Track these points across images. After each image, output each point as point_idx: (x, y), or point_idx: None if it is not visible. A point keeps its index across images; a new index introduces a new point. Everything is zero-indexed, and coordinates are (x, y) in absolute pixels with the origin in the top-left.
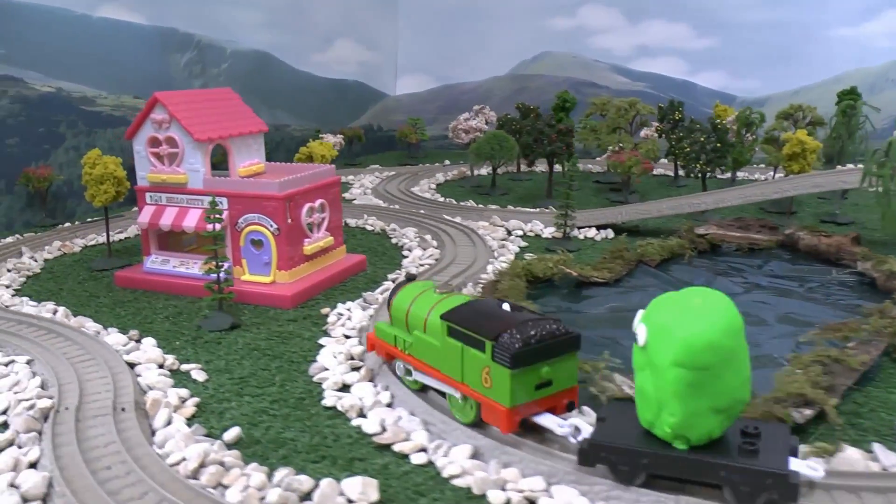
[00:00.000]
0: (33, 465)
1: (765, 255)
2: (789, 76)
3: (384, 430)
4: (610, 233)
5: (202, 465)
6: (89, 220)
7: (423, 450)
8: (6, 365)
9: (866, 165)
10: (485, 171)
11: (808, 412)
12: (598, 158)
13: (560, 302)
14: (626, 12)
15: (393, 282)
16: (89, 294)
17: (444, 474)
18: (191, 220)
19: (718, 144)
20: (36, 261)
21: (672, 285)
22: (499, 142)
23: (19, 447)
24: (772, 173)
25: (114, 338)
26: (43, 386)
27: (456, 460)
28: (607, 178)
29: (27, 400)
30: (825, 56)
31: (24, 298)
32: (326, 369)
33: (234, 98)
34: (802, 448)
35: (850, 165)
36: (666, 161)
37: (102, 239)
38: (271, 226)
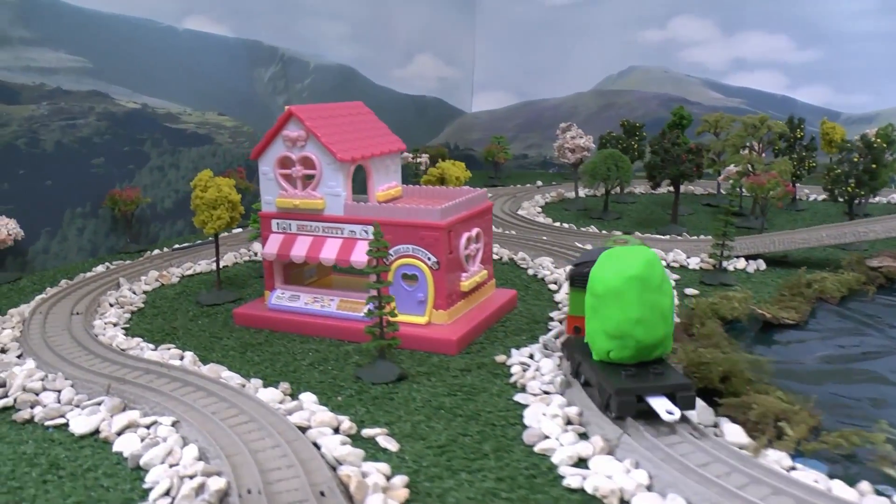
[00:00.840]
0: None
1: None
2: None
3: None
4: (761, 264)
5: None
6: (176, 246)
7: None
8: (148, 427)
9: None
10: (583, 192)
11: None
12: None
13: (755, 347)
14: (721, 24)
15: (560, 322)
16: (209, 335)
17: None
18: (329, 252)
19: (874, 165)
20: (135, 293)
21: (869, 326)
22: (615, 162)
23: None
24: None
25: (265, 392)
26: (202, 457)
27: None
28: (718, 200)
29: (190, 477)
30: None
31: (138, 339)
32: (547, 437)
33: (368, 113)
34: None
35: None
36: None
37: (200, 268)
38: (429, 259)
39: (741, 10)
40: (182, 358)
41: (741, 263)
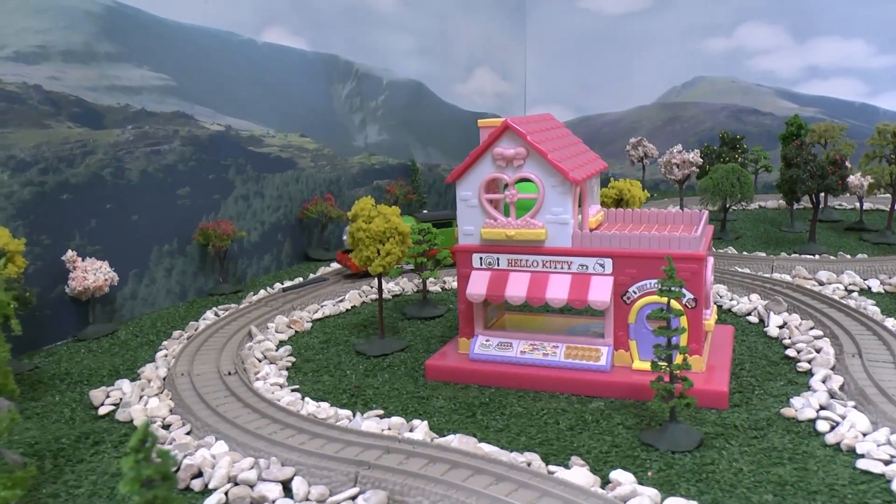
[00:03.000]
0: None
1: None
2: None
3: None
4: None
5: None
6: (287, 284)
7: None
8: None
9: None
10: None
11: None
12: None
13: None
14: (792, 30)
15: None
16: (406, 393)
17: None
18: (557, 291)
19: None
20: (273, 344)
21: None
22: (737, 176)
23: None
24: None
25: (568, 473)
26: None
27: None
28: (827, 214)
29: None
30: None
31: (324, 404)
32: None
33: (562, 126)
34: None
35: None
36: None
37: (328, 310)
38: (685, 295)
39: (813, 15)
40: (412, 429)
41: None
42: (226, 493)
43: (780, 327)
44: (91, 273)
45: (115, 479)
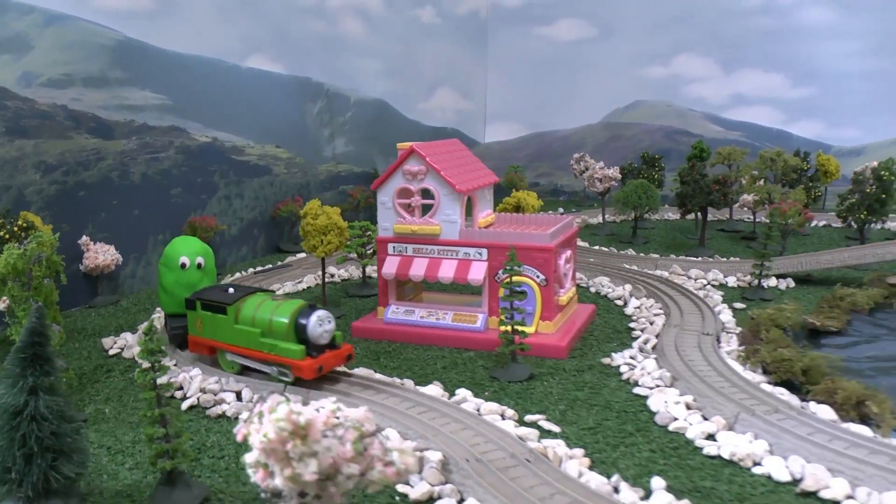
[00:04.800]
0: None
1: None
2: (890, 125)
3: (801, 478)
4: (791, 282)
5: None
6: (259, 269)
7: (851, 497)
8: None
9: None
10: (611, 218)
11: None
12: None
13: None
14: (722, 62)
15: (642, 331)
16: None
17: None
18: (447, 271)
19: (883, 195)
20: None
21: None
22: (644, 191)
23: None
24: None
25: (427, 389)
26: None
27: None
28: (731, 225)
29: None
30: None
31: None
32: (676, 419)
33: (465, 150)
34: None
35: None
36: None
37: (287, 289)
38: (538, 276)
39: (740, 49)
40: None
41: (773, 281)
42: (198, 399)
43: (637, 308)
44: (101, 254)
45: (122, 391)
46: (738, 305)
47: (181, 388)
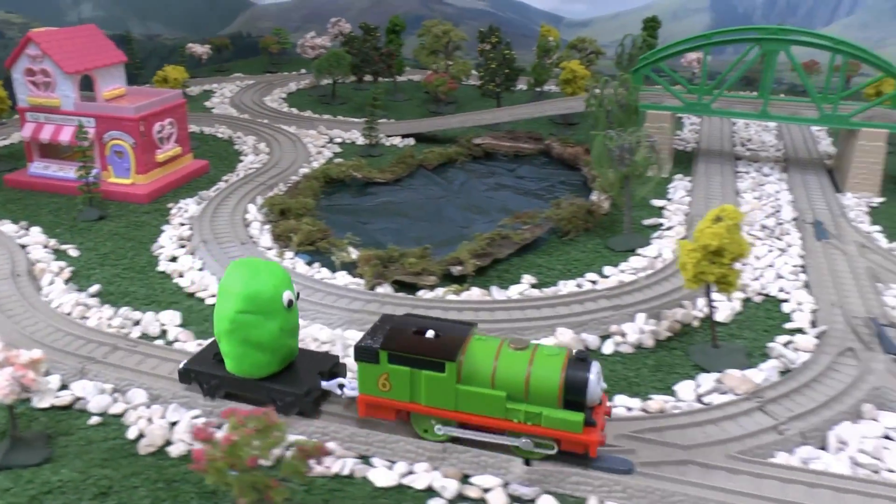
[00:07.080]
0: None
1: (527, 161)
2: (612, 1)
3: (192, 283)
4: (411, 141)
5: (75, 306)
6: None
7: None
8: None
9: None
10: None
11: (460, 268)
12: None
13: (348, 199)
14: None
15: (226, 182)
16: None
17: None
18: (65, 136)
19: (507, 71)
20: None
21: (437, 184)
22: (336, 59)
23: None
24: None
25: (7, 227)
26: None
27: None
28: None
29: None
30: None
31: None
32: (163, 247)
33: (98, 34)
34: (441, 292)
35: None
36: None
37: None
38: (129, 140)
39: None
40: None
41: (397, 140)
42: None
43: (254, 151)
44: None
45: None
46: (339, 160)
47: None
